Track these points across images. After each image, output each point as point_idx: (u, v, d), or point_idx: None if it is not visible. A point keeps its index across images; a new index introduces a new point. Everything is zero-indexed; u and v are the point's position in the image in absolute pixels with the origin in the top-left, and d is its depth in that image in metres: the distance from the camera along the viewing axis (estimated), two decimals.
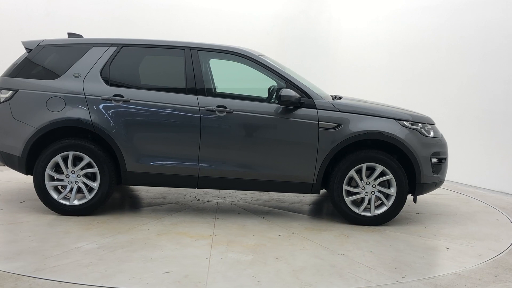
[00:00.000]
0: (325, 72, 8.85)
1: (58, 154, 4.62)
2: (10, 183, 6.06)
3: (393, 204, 4.67)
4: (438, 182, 4.90)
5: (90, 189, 4.71)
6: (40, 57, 4.88)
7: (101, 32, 6.38)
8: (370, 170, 4.68)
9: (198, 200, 5.57)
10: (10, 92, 4.77)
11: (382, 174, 4.65)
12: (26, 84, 4.76)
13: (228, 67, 5.17)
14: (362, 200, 4.71)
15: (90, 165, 4.67)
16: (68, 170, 4.67)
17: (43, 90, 4.71)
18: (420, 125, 4.79)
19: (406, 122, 4.72)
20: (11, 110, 4.74)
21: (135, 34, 6.13)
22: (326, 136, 4.62)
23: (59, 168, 4.69)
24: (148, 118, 4.68)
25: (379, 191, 4.68)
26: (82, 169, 4.67)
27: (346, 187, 4.67)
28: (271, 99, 4.88)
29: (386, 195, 4.69)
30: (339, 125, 4.63)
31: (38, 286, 3.15)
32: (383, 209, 4.70)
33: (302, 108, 4.66)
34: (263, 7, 9.10)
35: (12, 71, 4.86)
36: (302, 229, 4.57)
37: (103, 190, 4.67)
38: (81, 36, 5.21)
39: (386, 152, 4.68)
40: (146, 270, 3.46)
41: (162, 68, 5.17)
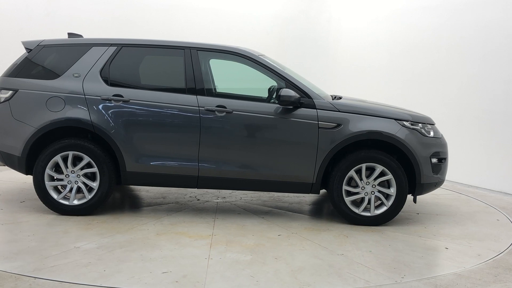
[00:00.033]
0: (325, 72, 8.85)
1: (58, 154, 4.63)
2: (10, 183, 6.06)
3: (392, 204, 4.66)
4: (438, 182, 4.89)
5: (89, 189, 4.71)
6: (40, 57, 4.89)
7: (101, 32, 6.38)
8: (370, 170, 4.68)
9: (198, 200, 5.57)
10: (10, 92, 4.78)
11: (382, 174, 4.65)
12: (26, 84, 4.76)
13: (228, 67, 5.17)
14: (361, 200, 4.71)
15: (89, 165, 4.67)
16: (68, 170, 4.67)
17: (43, 90, 4.72)
18: (420, 125, 4.78)
19: (406, 122, 4.72)
20: (11, 110, 4.74)
21: (135, 34, 6.13)
22: (326, 136, 4.61)
23: (59, 168, 4.69)
24: (147, 118, 4.68)
25: (379, 191, 4.67)
26: (81, 169, 4.68)
27: (345, 187, 4.67)
28: (271, 99, 4.88)
29: (386, 195, 4.68)
30: (339, 125, 4.63)
31: (38, 286, 3.15)
32: (383, 209, 4.69)
33: (301, 108, 4.66)
34: (263, 7, 9.10)
35: (12, 71, 4.87)
36: (302, 229, 4.57)
37: (103, 190, 4.68)
38: (81, 36, 5.21)
39: (386, 152, 4.68)
40: (145, 270, 3.46)
41: (162, 68, 5.17)
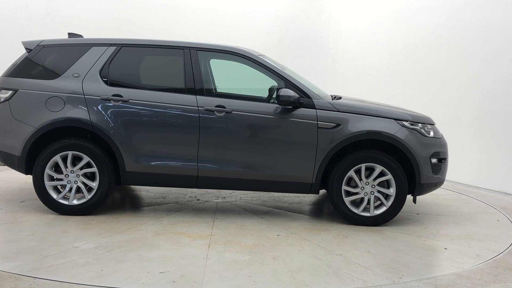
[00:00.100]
0: (325, 72, 8.84)
1: (58, 154, 4.63)
2: (11, 183, 6.07)
3: (392, 204, 4.66)
4: (438, 183, 4.88)
5: (89, 188, 4.71)
6: (40, 57, 4.89)
7: (101, 32, 6.38)
8: (369, 170, 4.68)
9: (198, 200, 5.57)
10: (10, 92, 4.78)
11: (382, 174, 4.64)
12: (25, 84, 4.77)
13: (228, 67, 5.17)
14: (361, 200, 4.71)
15: (89, 164, 4.67)
16: (67, 170, 4.68)
17: (43, 90, 4.72)
18: (419, 125, 4.78)
19: (405, 122, 4.71)
20: (11, 110, 4.75)
21: (135, 34, 6.13)
22: (325, 136, 4.61)
23: (59, 167, 4.70)
24: (147, 118, 4.68)
25: (379, 191, 4.67)
26: (81, 168, 4.68)
27: (345, 187, 4.66)
28: (271, 99, 4.88)
29: (386, 196, 4.68)
30: (338, 125, 4.63)
31: (38, 286, 3.15)
32: (383, 209, 4.69)
33: (301, 108, 4.65)
34: (263, 7, 9.10)
35: (12, 71, 4.87)
36: (301, 229, 4.57)
37: (102, 190, 4.68)
38: (81, 36, 5.21)
39: (386, 152, 4.67)
40: (143, 270, 3.46)
41: (162, 68, 5.17)
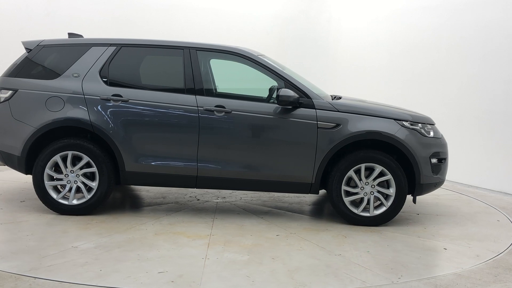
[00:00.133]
0: (325, 72, 8.84)
1: (57, 154, 4.64)
2: (11, 183, 6.07)
3: (392, 204, 4.65)
4: (438, 183, 4.88)
5: (89, 188, 4.72)
6: (40, 57, 4.90)
7: (101, 32, 6.39)
8: (369, 170, 4.67)
9: (198, 200, 5.57)
10: (9, 92, 4.79)
11: (381, 174, 4.64)
12: (25, 84, 4.77)
13: (228, 67, 5.17)
14: (361, 200, 4.70)
15: (89, 164, 4.67)
16: (67, 169, 4.68)
17: (42, 90, 4.72)
18: (419, 125, 4.77)
19: (405, 122, 4.71)
20: (11, 110, 4.75)
21: (135, 34, 6.13)
22: (325, 136, 4.61)
23: (59, 167, 4.70)
24: (146, 118, 4.68)
25: (378, 192, 4.66)
26: (81, 168, 4.69)
27: (345, 187, 4.66)
28: (270, 99, 4.88)
29: (385, 196, 4.67)
30: (338, 125, 4.62)
31: (38, 286, 3.15)
32: (382, 209, 4.68)
33: (300, 108, 4.65)
34: (263, 7, 9.10)
35: (12, 71, 4.88)
36: (301, 229, 4.57)
37: (102, 189, 4.68)
38: (81, 36, 5.21)
39: (386, 152, 4.67)
40: (141, 270, 3.46)
41: (161, 68, 5.17)
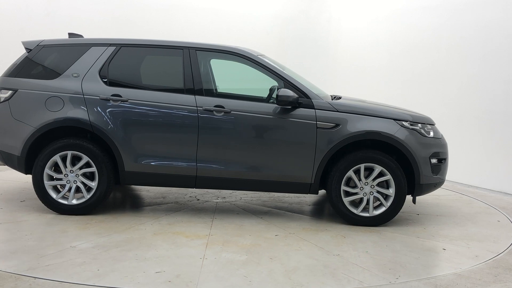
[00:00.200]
0: (325, 72, 8.84)
1: (57, 154, 4.64)
2: (12, 182, 6.08)
3: (391, 204, 4.65)
4: (438, 183, 4.87)
5: (88, 188, 4.72)
6: (39, 57, 4.90)
7: (101, 32, 6.39)
8: (368, 170, 4.67)
9: (198, 200, 5.57)
10: (9, 92, 4.79)
11: (381, 174, 4.63)
12: (25, 84, 4.78)
13: (227, 67, 5.17)
14: (360, 200, 4.70)
15: (88, 164, 4.68)
16: (66, 169, 4.68)
17: (42, 90, 4.73)
18: (419, 125, 4.77)
19: (405, 123, 4.70)
20: (11, 110, 4.76)
21: (135, 34, 6.14)
22: (324, 136, 4.61)
23: (58, 167, 4.71)
24: (146, 118, 4.68)
25: (378, 192, 4.66)
26: (80, 168, 4.69)
27: (344, 188, 4.66)
28: (270, 99, 4.87)
29: (385, 196, 4.67)
30: (337, 125, 4.62)
31: (38, 286, 3.16)
32: (382, 209, 4.68)
33: (300, 108, 4.65)
34: (263, 7, 9.10)
35: (12, 71, 4.88)
36: (300, 229, 4.57)
37: (101, 189, 4.68)
38: (81, 36, 5.22)
39: (385, 152, 4.67)
40: (139, 270, 3.46)
41: (161, 68, 5.17)
